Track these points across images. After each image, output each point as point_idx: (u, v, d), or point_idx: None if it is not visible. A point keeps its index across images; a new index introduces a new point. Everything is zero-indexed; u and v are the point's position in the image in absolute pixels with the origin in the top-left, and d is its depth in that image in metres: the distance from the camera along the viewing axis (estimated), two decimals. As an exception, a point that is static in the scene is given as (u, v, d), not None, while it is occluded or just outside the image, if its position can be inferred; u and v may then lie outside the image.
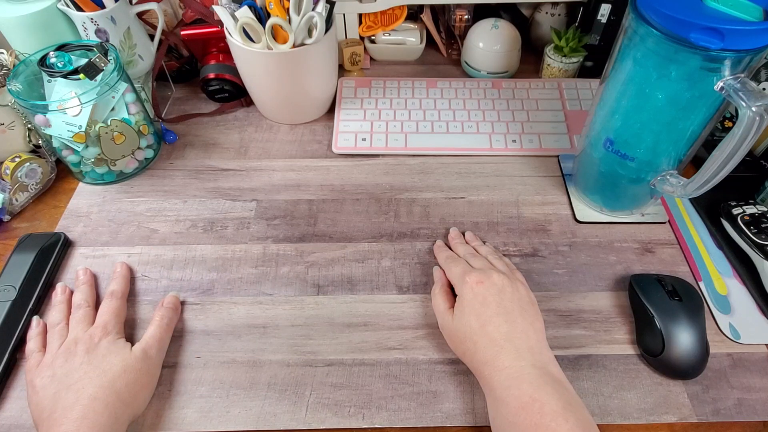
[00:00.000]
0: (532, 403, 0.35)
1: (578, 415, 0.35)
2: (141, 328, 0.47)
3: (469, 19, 0.74)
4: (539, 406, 0.35)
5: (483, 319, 0.41)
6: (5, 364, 0.44)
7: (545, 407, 0.35)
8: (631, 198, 0.54)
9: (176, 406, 0.43)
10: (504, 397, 0.37)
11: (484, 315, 0.41)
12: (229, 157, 0.63)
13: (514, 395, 0.36)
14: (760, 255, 0.49)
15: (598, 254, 0.53)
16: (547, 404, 0.35)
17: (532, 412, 0.35)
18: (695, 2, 0.38)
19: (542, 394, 0.36)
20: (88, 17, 0.56)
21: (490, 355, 0.39)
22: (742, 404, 0.43)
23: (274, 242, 0.54)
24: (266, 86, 0.62)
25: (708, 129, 0.44)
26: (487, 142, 0.63)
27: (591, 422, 0.36)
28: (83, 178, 0.60)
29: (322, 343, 0.47)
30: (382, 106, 0.67)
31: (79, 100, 0.52)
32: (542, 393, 0.36)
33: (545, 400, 0.35)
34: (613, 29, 0.67)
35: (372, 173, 0.61)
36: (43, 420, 0.38)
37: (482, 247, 0.51)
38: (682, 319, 0.44)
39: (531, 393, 0.36)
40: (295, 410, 0.43)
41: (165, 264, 0.52)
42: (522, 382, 0.37)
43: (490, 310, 0.41)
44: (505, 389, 0.37)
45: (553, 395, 0.36)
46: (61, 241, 0.53)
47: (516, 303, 0.42)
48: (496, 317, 0.41)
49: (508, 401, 0.37)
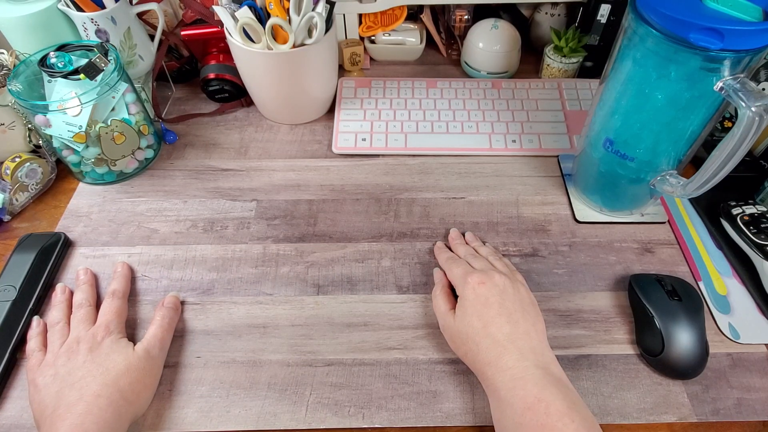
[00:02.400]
0: (537, 404, 0.35)
1: (583, 414, 0.35)
2: (141, 327, 0.48)
3: (468, 20, 0.74)
4: (545, 407, 0.35)
5: (485, 320, 0.41)
6: (5, 364, 0.44)
7: (551, 407, 0.35)
8: (630, 198, 0.54)
9: (176, 406, 0.43)
10: (508, 398, 0.37)
11: (486, 316, 0.41)
12: (229, 157, 0.63)
13: (519, 396, 0.36)
14: (759, 255, 0.49)
15: (597, 254, 0.53)
16: (553, 404, 0.35)
17: (538, 412, 0.35)
18: (695, 2, 0.38)
19: (547, 395, 0.36)
20: (88, 17, 0.57)
21: (493, 356, 0.39)
22: (741, 404, 0.43)
23: (274, 242, 0.54)
24: (266, 86, 0.62)
25: (708, 129, 0.44)
26: (486, 142, 0.63)
27: (594, 422, 0.36)
28: (83, 178, 0.60)
29: (322, 343, 0.47)
30: (382, 106, 0.67)
31: (80, 100, 0.52)
32: (547, 393, 0.36)
33: (550, 400, 0.35)
34: (613, 29, 0.67)
35: (372, 173, 0.61)
36: (46, 417, 0.38)
37: (482, 247, 0.51)
38: (681, 319, 0.44)
39: (536, 393, 0.36)
40: (295, 410, 0.43)
41: (165, 264, 0.52)
42: (527, 383, 0.37)
43: (492, 311, 0.41)
44: (510, 390, 0.37)
45: (557, 395, 0.36)
46: (62, 241, 0.53)
47: (518, 304, 0.42)
48: (498, 318, 0.41)
49: (512, 402, 0.37)
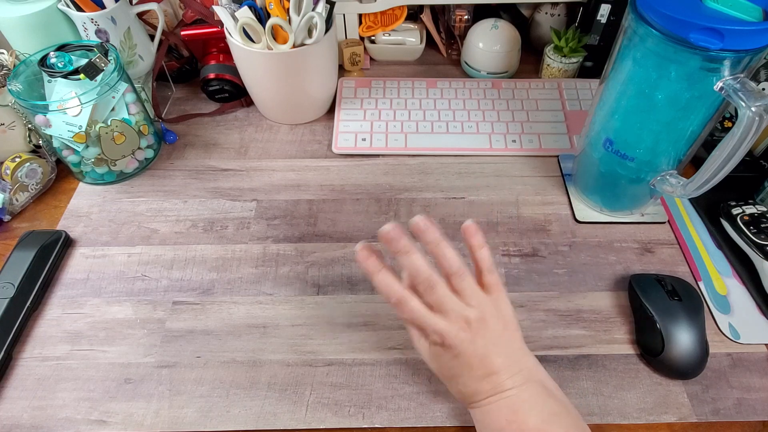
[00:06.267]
0: (508, 426, 0.35)
1: (562, 422, 0.35)
2: (141, 327, 0.48)
3: (468, 20, 0.74)
4: (516, 427, 0.34)
5: (453, 372, 0.37)
6: (2, 362, 0.44)
7: (523, 426, 0.34)
8: (630, 198, 0.54)
9: (176, 406, 0.43)
10: (483, 421, 0.37)
11: (455, 369, 0.37)
12: (229, 157, 0.63)
13: (492, 419, 0.36)
14: (759, 255, 0.49)
15: (597, 254, 0.53)
16: (525, 423, 0.34)
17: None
18: (695, 2, 0.38)
19: (520, 415, 0.35)
20: (88, 17, 0.57)
21: (466, 394, 0.38)
22: (741, 404, 0.43)
23: (274, 242, 0.54)
24: (266, 86, 0.62)
25: (707, 129, 0.44)
26: (486, 142, 0.63)
27: (577, 426, 0.35)
28: (83, 178, 0.60)
29: (322, 343, 0.47)
30: (382, 106, 0.67)
31: (80, 100, 0.52)
32: (520, 413, 0.35)
33: (522, 419, 0.35)
34: (613, 29, 0.67)
35: (372, 173, 0.61)
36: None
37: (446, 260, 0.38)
38: (681, 319, 0.44)
39: (508, 416, 0.35)
40: (295, 410, 0.43)
41: (165, 264, 0.52)
42: (500, 407, 0.36)
43: (462, 360, 0.36)
44: (484, 414, 0.37)
45: (531, 412, 0.35)
46: (62, 239, 0.53)
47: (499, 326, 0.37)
48: (467, 368, 0.37)
49: (487, 423, 0.36)
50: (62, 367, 0.45)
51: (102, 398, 0.43)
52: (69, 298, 0.50)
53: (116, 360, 0.46)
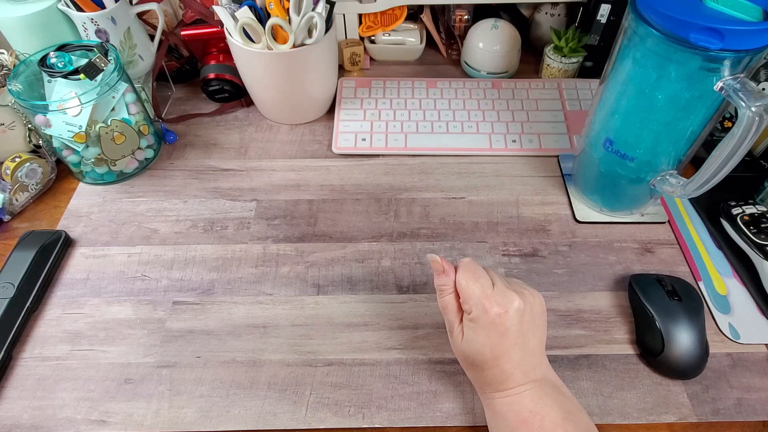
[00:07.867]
0: (532, 418, 0.35)
1: (577, 421, 0.35)
2: (141, 327, 0.48)
3: (468, 20, 0.74)
4: (539, 420, 0.35)
5: (497, 352, 0.37)
6: (2, 361, 0.44)
7: (545, 419, 0.35)
8: (630, 198, 0.54)
9: (176, 406, 0.43)
10: (503, 413, 0.37)
11: (499, 348, 0.37)
12: (229, 157, 0.63)
13: (514, 411, 0.36)
14: (759, 255, 0.49)
15: (597, 254, 0.53)
16: (548, 416, 0.35)
17: (532, 426, 0.35)
18: (695, 2, 0.38)
19: (542, 407, 0.36)
20: (88, 17, 0.57)
21: (497, 381, 0.38)
22: (741, 404, 0.43)
23: (274, 242, 0.54)
24: (266, 86, 0.62)
25: (708, 129, 0.44)
26: (486, 142, 0.63)
27: (590, 426, 0.36)
28: (83, 178, 0.60)
29: (322, 343, 0.47)
30: (382, 106, 0.67)
31: (80, 100, 0.52)
32: (542, 405, 0.36)
33: (545, 412, 0.35)
34: (613, 29, 0.67)
35: (372, 173, 0.61)
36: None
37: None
38: (681, 319, 0.44)
39: (531, 408, 0.36)
40: (295, 410, 0.43)
41: (165, 264, 0.52)
42: (523, 398, 0.37)
43: (508, 341, 0.37)
44: (505, 405, 0.37)
45: (552, 406, 0.36)
46: (62, 239, 0.53)
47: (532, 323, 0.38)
48: (512, 348, 0.37)
49: (507, 416, 0.37)
50: (62, 367, 0.45)
51: (102, 398, 0.43)
52: (69, 298, 0.50)
53: (116, 360, 0.46)
